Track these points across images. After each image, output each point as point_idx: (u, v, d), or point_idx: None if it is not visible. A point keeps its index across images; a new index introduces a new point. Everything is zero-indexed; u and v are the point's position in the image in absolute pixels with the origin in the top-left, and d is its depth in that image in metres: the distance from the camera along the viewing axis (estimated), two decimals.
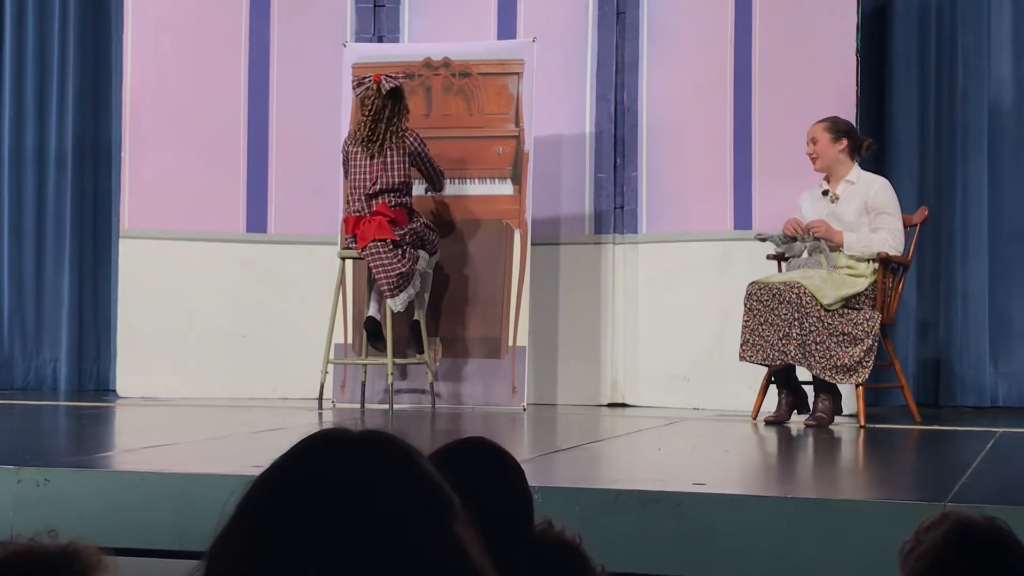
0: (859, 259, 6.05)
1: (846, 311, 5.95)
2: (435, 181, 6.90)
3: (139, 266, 7.41)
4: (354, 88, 6.76)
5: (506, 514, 1.78)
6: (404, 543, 1.05)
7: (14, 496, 3.85)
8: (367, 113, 6.62)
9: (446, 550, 1.06)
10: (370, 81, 6.63)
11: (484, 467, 1.83)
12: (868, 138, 6.32)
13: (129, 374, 7.42)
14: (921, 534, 1.88)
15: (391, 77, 6.64)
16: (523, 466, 1.87)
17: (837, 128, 6.13)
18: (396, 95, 6.63)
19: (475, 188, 7.10)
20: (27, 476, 3.88)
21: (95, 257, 8.21)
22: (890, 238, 6.05)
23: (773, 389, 6.17)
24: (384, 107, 6.60)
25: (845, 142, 6.13)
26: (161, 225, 7.45)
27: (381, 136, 6.59)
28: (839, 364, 5.88)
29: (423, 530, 1.06)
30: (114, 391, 7.58)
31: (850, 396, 6.17)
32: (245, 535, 1.06)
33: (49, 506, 3.82)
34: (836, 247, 6.06)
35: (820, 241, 6.06)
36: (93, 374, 8.20)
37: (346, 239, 6.74)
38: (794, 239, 6.16)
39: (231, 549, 1.06)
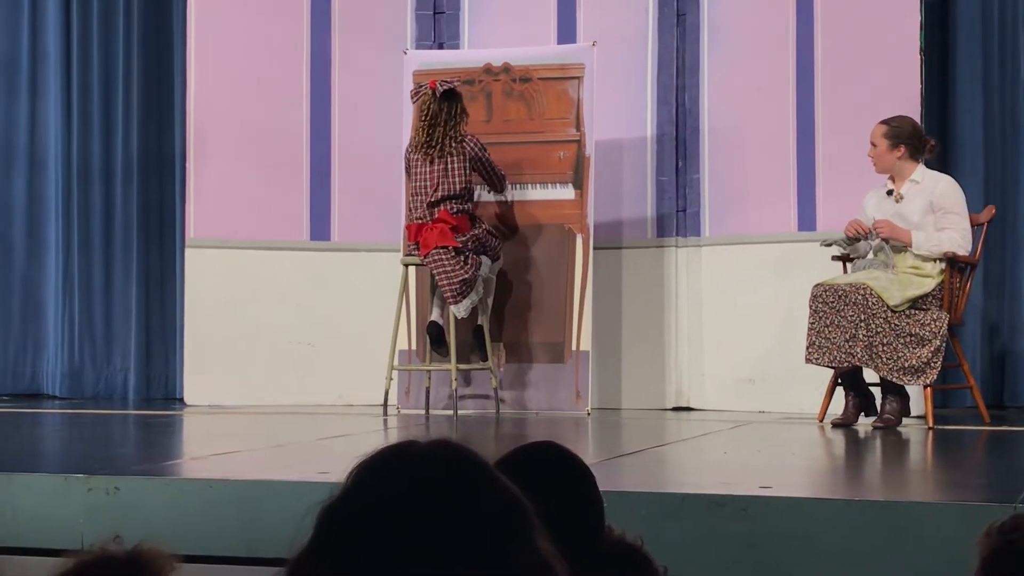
0: (926, 259, 5.99)
1: (913, 312, 5.90)
2: (496, 184, 6.92)
3: (204, 275, 7.48)
4: (412, 97, 6.81)
5: (576, 518, 1.77)
6: (491, 561, 1.04)
7: (84, 504, 3.90)
8: (424, 118, 6.64)
9: (532, 565, 1.05)
10: (426, 88, 6.66)
11: (554, 471, 1.83)
12: (931, 138, 6.24)
13: (196, 382, 7.49)
14: (999, 535, 1.79)
15: (446, 81, 6.67)
16: None
17: (897, 134, 6.06)
18: (451, 97, 6.64)
19: (537, 193, 7.10)
20: (97, 484, 3.92)
21: (161, 267, 8.29)
22: (959, 237, 5.99)
23: (840, 391, 6.12)
24: (440, 111, 6.62)
25: (903, 149, 6.06)
26: (225, 235, 7.51)
27: (440, 140, 6.61)
28: (906, 365, 5.82)
29: (508, 546, 1.05)
30: (181, 399, 7.65)
31: (918, 398, 6.11)
32: (330, 559, 1.05)
33: (119, 514, 3.86)
34: (902, 247, 6.01)
35: (883, 241, 6.01)
36: (161, 383, 8.27)
37: (408, 246, 6.77)
38: (857, 239, 6.12)
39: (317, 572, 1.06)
